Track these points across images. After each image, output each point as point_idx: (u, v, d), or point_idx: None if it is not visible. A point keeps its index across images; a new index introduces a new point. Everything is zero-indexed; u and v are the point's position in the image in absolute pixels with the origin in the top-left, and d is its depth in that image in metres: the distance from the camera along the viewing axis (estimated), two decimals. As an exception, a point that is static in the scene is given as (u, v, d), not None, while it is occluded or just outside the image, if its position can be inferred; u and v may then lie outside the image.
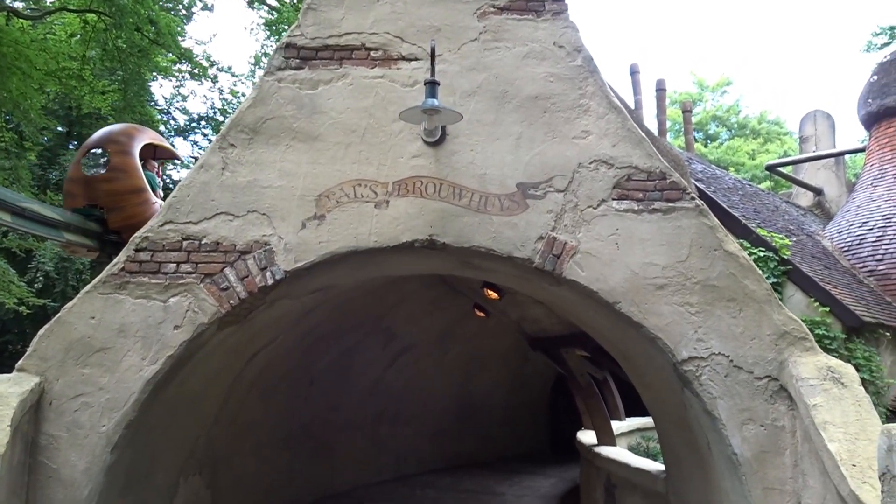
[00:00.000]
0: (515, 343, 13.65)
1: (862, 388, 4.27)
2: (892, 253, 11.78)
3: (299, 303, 5.76)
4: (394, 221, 4.71)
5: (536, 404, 15.97)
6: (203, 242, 4.70)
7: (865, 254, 12.09)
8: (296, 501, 9.39)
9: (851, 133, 34.95)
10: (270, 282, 4.66)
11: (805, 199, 15.72)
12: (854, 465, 3.78)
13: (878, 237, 12.10)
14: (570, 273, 4.62)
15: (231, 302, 4.64)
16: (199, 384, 5.33)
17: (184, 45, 18.67)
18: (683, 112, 16.64)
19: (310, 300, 5.99)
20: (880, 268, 11.84)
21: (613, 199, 4.70)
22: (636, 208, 4.69)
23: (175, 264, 4.67)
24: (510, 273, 5.22)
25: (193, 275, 4.66)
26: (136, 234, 4.78)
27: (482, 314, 9.92)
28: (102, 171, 7.72)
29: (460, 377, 13.45)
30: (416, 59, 4.91)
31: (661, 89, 14.99)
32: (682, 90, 35.15)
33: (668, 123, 18.19)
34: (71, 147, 20.74)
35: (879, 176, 12.64)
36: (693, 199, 4.69)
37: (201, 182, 4.79)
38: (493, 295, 7.64)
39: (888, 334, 9.28)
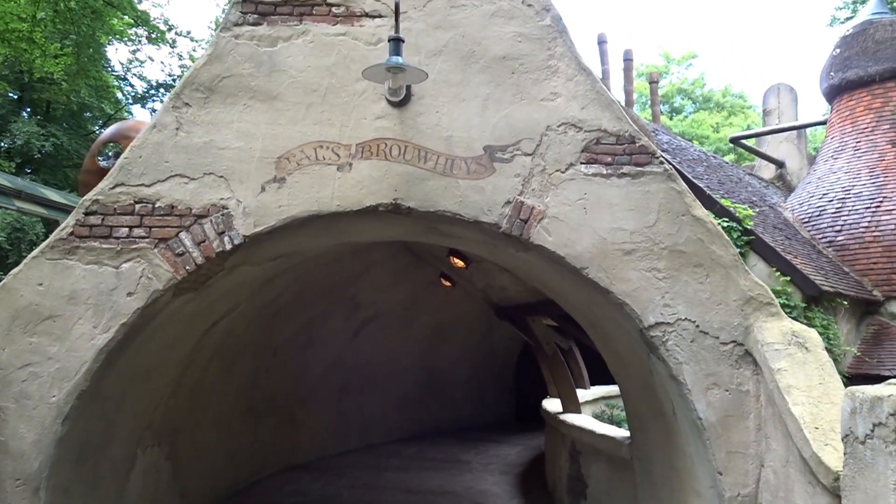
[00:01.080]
0: (481, 313, 13.65)
1: (825, 352, 4.30)
2: (850, 224, 12.00)
3: (260, 270, 5.60)
4: (357, 185, 4.56)
5: (502, 374, 16.07)
6: (157, 206, 4.51)
7: (825, 225, 12.30)
8: (259, 472, 9.30)
9: (814, 107, 35.51)
10: (228, 247, 4.49)
11: (767, 171, 15.89)
12: (817, 428, 3.80)
13: (837, 209, 12.31)
14: (537, 238, 4.54)
15: (187, 268, 4.47)
16: (156, 353, 5.16)
17: (140, 7, 18.02)
18: (650, 83, 16.57)
19: (271, 267, 5.83)
20: (839, 238, 12.05)
21: (582, 163, 4.62)
22: (605, 172, 4.61)
23: (127, 228, 4.48)
24: (477, 239, 5.13)
25: (147, 239, 4.47)
26: (85, 197, 4.57)
27: (448, 283, 9.86)
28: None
29: (426, 347, 13.43)
30: (379, 17, 4.73)
31: (628, 60, 14.87)
32: (649, 62, 35.27)
33: (635, 95, 18.18)
34: (24, 114, 19.96)
35: (840, 148, 12.82)
36: (662, 163, 4.63)
37: (154, 143, 4.58)
38: (459, 263, 7.56)
39: (845, 303, 9.46)
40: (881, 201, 11.85)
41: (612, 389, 12.43)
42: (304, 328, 9.65)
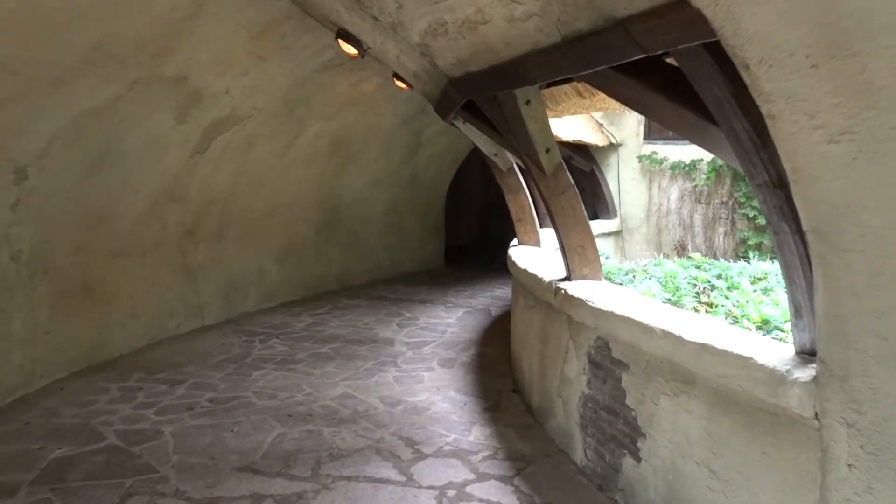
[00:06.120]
0: (406, 115, 9.46)
1: None
2: None
3: None
4: None
5: (430, 207, 12.20)
6: None
7: None
8: (24, 385, 5.28)
9: None
10: None
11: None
12: None
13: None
14: None
15: None
16: None
17: None
18: None
19: None
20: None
21: None
22: None
23: None
24: None
25: None
26: None
27: (353, 51, 5.52)
28: None
29: (324, 171, 9.25)
30: None
31: None
32: None
33: None
34: None
35: None
36: None
37: None
38: (352, 52, 3.22)
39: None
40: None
41: (602, 226, 8.87)
42: (81, 133, 5.25)
